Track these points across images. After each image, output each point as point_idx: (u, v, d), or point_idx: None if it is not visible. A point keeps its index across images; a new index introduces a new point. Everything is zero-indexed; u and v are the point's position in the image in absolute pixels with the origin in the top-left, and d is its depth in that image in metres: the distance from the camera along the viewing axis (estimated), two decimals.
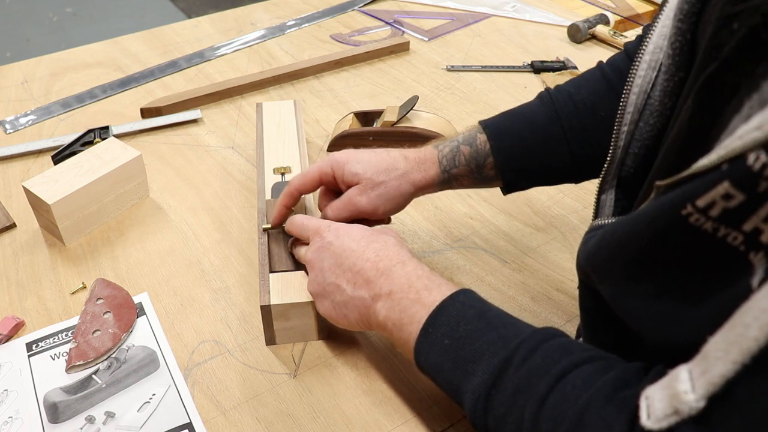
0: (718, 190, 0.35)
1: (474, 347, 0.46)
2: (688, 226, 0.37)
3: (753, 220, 0.34)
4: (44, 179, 0.72)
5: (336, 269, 0.55)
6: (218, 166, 0.87)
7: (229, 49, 1.15)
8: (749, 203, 0.34)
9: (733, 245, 0.35)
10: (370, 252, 0.54)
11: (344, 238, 0.56)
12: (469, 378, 0.46)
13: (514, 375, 0.43)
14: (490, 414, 0.44)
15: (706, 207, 0.36)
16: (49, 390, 0.58)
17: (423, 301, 0.50)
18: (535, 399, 0.42)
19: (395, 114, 0.86)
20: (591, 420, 0.39)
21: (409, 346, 0.50)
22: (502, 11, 1.30)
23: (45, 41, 2.95)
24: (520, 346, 0.44)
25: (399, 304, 0.51)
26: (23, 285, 0.69)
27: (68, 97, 1.01)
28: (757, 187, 0.33)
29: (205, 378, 0.60)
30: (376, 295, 0.52)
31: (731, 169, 0.34)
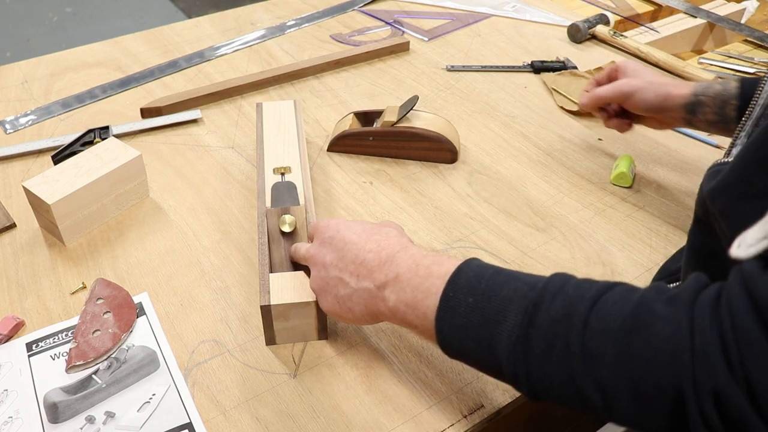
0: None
1: (501, 297, 0.45)
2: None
3: None
4: (44, 179, 0.72)
5: (338, 263, 0.55)
6: (218, 166, 0.87)
7: (229, 49, 1.15)
8: None
9: None
10: (371, 243, 0.54)
11: (344, 232, 0.56)
12: (502, 326, 0.44)
13: (549, 308, 0.42)
14: (531, 354, 0.43)
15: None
16: (49, 390, 0.58)
17: (435, 274, 0.49)
18: (578, 321, 0.41)
19: (395, 114, 0.86)
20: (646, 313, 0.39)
21: (428, 321, 0.48)
22: (502, 11, 1.30)
23: (45, 41, 2.95)
24: (548, 284, 0.44)
25: (409, 284, 0.50)
26: (23, 285, 0.69)
27: (68, 97, 1.01)
28: None
29: (205, 378, 0.60)
30: (383, 283, 0.51)
31: None
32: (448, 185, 0.84)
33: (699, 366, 0.36)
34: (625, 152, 0.90)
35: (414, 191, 0.83)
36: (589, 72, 1.04)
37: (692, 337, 0.37)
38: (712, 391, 0.36)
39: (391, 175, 0.86)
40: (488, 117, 0.98)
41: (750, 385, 0.34)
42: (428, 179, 0.85)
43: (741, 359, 0.35)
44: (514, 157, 0.89)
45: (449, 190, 0.83)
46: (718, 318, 0.36)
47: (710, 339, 0.36)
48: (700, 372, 0.36)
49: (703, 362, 0.36)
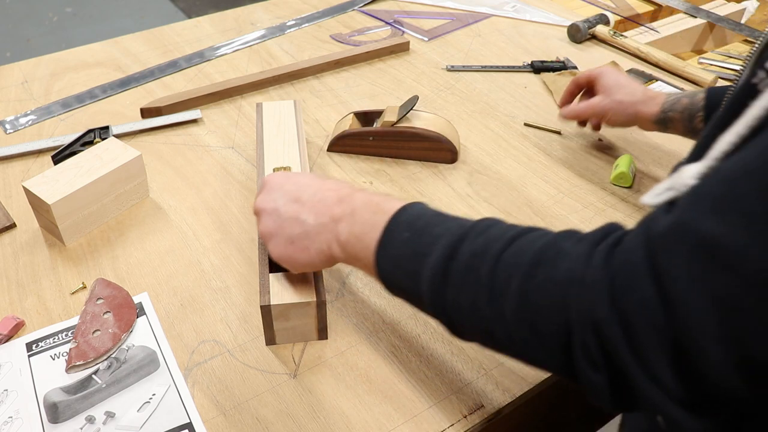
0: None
1: (433, 233, 0.47)
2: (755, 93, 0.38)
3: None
4: (44, 179, 0.72)
5: (293, 204, 0.55)
6: (218, 166, 0.87)
7: (229, 49, 1.15)
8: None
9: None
10: (329, 183, 0.56)
11: (296, 178, 0.58)
12: (428, 258, 0.46)
13: (471, 244, 0.44)
14: (448, 286, 0.45)
15: None
16: (49, 390, 0.58)
17: (384, 209, 0.50)
18: (492, 255, 0.42)
19: (395, 114, 0.86)
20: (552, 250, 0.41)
21: (370, 252, 0.50)
22: (502, 11, 1.30)
23: (45, 41, 2.95)
24: (477, 225, 0.46)
25: (361, 218, 0.51)
26: (23, 285, 0.69)
27: (68, 97, 1.01)
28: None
29: (205, 378, 0.60)
30: (339, 217, 0.53)
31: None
32: (448, 185, 0.84)
33: (584, 296, 0.37)
34: (625, 152, 0.90)
35: (414, 191, 0.83)
36: None
37: (585, 271, 0.38)
38: (591, 322, 0.36)
39: (391, 175, 0.86)
40: (488, 117, 0.98)
41: (626, 316, 0.35)
42: (428, 179, 0.85)
43: (622, 291, 0.35)
44: (514, 157, 0.89)
45: (449, 190, 0.83)
46: (613, 253, 0.37)
47: (599, 272, 0.37)
48: (583, 302, 0.37)
49: (587, 293, 0.37)
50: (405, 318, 0.66)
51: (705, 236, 0.33)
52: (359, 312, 0.66)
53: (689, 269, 0.33)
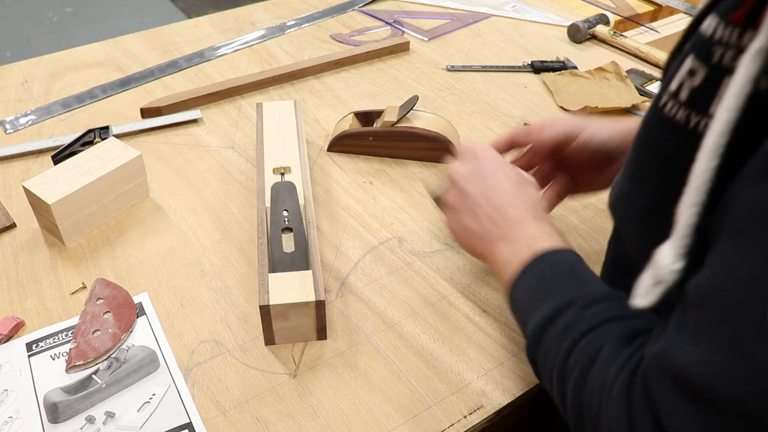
0: (684, 68, 0.37)
1: (551, 288, 0.49)
2: (664, 120, 0.38)
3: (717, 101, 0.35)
4: (44, 179, 0.72)
5: (482, 200, 0.57)
6: (218, 166, 0.87)
7: (229, 49, 1.15)
8: (710, 79, 0.35)
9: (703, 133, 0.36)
10: (519, 200, 0.57)
11: (500, 174, 0.58)
12: (536, 312, 0.48)
13: (570, 315, 0.46)
14: (540, 347, 0.47)
15: (677, 90, 0.37)
16: (49, 390, 0.58)
17: (533, 247, 0.53)
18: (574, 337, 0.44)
19: (395, 114, 0.86)
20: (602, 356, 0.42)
21: (507, 281, 0.53)
22: (502, 11, 1.30)
23: (45, 41, 2.95)
24: (588, 294, 0.47)
25: (515, 247, 0.54)
26: (23, 285, 0.69)
27: (68, 97, 1.01)
28: (713, 57, 0.35)
29: (205, 378, 0.60)
30: (508, 237, 0.55)
31: (694, 41, 0.37)
32: None
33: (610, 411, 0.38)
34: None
35: (414, 191, 0.83)
36: (589, 72, 1.04)
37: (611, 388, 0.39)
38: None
39: (391, 175, 0.86)
40: (488, 117, 0.98)
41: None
42: (428, 179, 0.85)
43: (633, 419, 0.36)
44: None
45: None
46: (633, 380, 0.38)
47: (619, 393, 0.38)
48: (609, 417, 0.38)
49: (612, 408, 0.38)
50: (405, 318, 0.66)
51: (680, 366, 0.33)
52: (359, 312, 0.66)
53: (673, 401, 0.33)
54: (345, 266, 0.72)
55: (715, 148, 0.32)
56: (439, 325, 0.65)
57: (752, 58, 0.31)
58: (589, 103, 0.97)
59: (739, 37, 0.34)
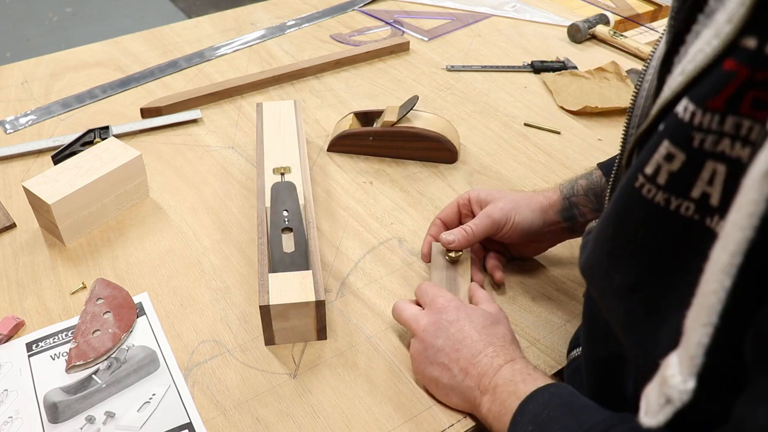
0: (660, 152, 0.35)
1: (552, 430, 0.46)
2: (642, 200, 0.36)
3: (699, 184, 0.34)
4: (44, 179, 0.72)
5: (451, 353, 0.56)
6: (218, 166, 0.87)
7: (229, 49, 1.15)
8: (690, 163, 0.34)
9: (687, 216, 0.35)
10: (490, 349, 0.55)
11: (465, 323, 0.57)
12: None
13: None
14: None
15: (653, 174, 0.36)
16: (49, 390, 0.58)
17: (518, 393, 0.50)
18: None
19: (395, 114, 0.86)
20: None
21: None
22: (502, 11, 1.30)
23: (45, 41, 2.95)
24: (595, 425, 0.44)
25: (500, 396, 0.52)
26: (23, 285, 0.69)
27: (68, 97, 1.01)
28: (693, 142, 0.33)
29: (205, 378, 0.60)
30: (485, 388, 0.53)
31: (667, 125, 0.35)
32: (448, 185, 0.84)
33: None
34: None
35: (414, 191, 0.83)
36: (589, 72, 1.04)
37: None
38: None
39: (391, 175, 0.86)
40: (488, 117, 0.98)
41: None
42: (428, 179, 0.85)
43: None
44: (514, 157, 0.89)
45: (449, 190, 0.83)
46: None
47: None
48: None
49: None
50: None
51: None
52: (359, 312, 0.66)
53: None
54: (345, 266, 0.72)
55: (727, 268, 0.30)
56: None
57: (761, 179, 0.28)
58: (589, 103, 0.97)
59: (720, 122, 0.32)
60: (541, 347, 0.63)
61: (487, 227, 0.66)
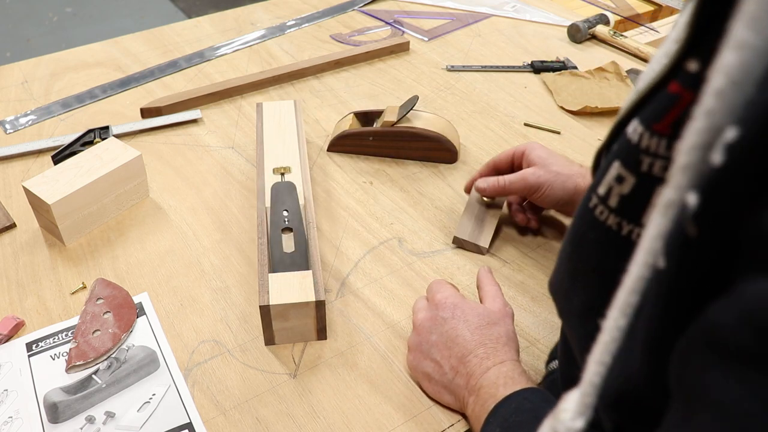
0: (611, 173, 0.34)
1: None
2: (595, 222, 0.35)
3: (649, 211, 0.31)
4: (44, 179, 0.72)
5: (443, 350, 0.56)
6: (218, 166, 0.87)
7: (229, 49, 1.15)
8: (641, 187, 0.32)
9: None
10: (481, 350, 0.55)
11: (459, 321, 0.57)
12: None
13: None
14: None
15: (605, 195, 0.35)
16: (49, 390, 0.58)
17: (497, 395, 0.51)
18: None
19: (395, 114, 0.86)
20: None
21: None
22: (502, 11, 1.30)
23: (45, 41, 2.95)
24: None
25: (481, 399, 0.52)
26: (23, 285, 0.69)
27: (68, 97, 1.01)
28: (641, 165, 0.32)
29: (205, 378, 0.60)
30: (473, 388, 0.53)
31: (619, 146, 0.34)
32: (448, 185, 0.84)
33: None
34: None
35: (414, 191, 0.83)
36: (589, 72, 1.04)
37: None
38: None
39: (391, 175, 0.86)
40: (488, 117, 0.98)
41: None
42: (428, 179, 0.85)
43: None
44: None
45: (449, 190, 0.83)
46: None
47: None
48: None
49: None
50: (405, 318, 0.66)
51: None
52: (359, 312, 0.66)
53: None
54: (345, 266, 0.72)
55: (625, 306, 0.28)
56: None
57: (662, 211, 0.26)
58: (589, 103, 0.97)
59: (667, 148, 0.31)
60: (541, 347, 0.63)
61: (519, 188, 0.70)
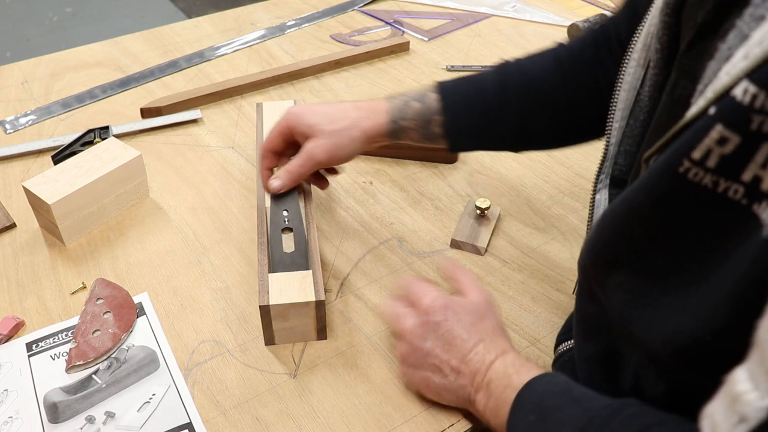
0: (711, 136, 0.34)
1: (557, 419, 0.45)
2: (687, 183, 0.36)
3: (751, 167, 0.33)
4: (44, 179, 0.72)
5: (441, 354, 0.55)
6: (218, 166, 0.87)
7: (229, 49, 1.15)
8: (745, 146, 0.33)
9: (734, 199, 0.34)
10: (480, 346, 0.54)
11: (453, 323, 0.56)
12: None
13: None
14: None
15: (702, 158, 0.35)
16: (49, 390, 0.58)
17: (513, 384, 0.50)
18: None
19: None
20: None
21: (503, 429, 0.50)
22: (502, 11, 1.30)
23: (45, 41, 2.95)
24: (596, 417, 0.43)
25: (495, 391, 0.51)
26: (23, 285, 0.69)
27: (68, 97, 1.01)
28: (750, 124, 0.32)
29: (205, 378, 0.60)
30: (478, 386, 0.53)
31: (721, 109, 0.34)
32: (448, 185, 0.84)
33: None
34: None
35: (414, 191, 0.83)
36: None
37: None
38: None
39: (391, 175, 0.86)
40: None
41: None
42: (428, 179, 0.85)
43: None
44: (514, 157, 0.89)
45: (449, 190, 0.83)
46: None
47: None
48: None
49: None
50: None
51: None
52: (359, 312, 0.66)
53: None
54: (345, 266, 0.72)
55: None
56: None
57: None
58: None
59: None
60: (541, 347, 0.63)
61: (311, 167, 0.67)
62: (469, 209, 0.78)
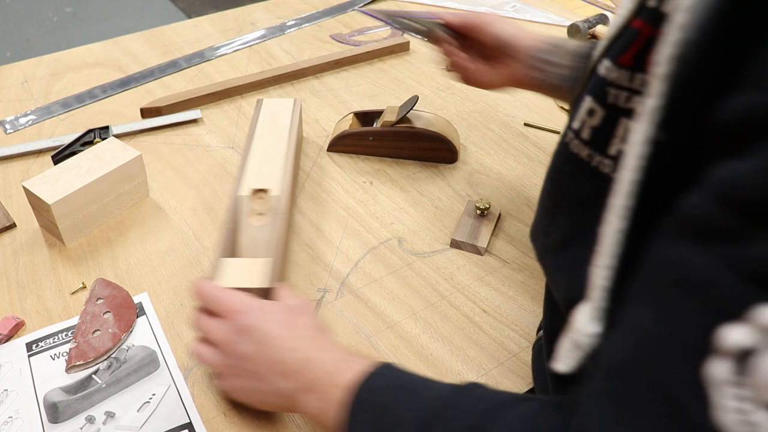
0: (583, 107, 0.38)
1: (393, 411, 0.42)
2: (570, 155, 0.39)
3: (615, 143, 0.36)
4: (44, 179, 0.72)
5: (258, 356, 0.51)
6: (218, 166, 0.87)
7: (229, 49, 1.15)
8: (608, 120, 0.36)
9: (605, 173, 0.37)
10: (292, 341, 0.51)
11: (263, 323, 0.52)
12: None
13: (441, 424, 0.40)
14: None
15: (579, 129, 0.38)
16: (49, 390, 0.58)
17: (341, 383, 0.46)
18: None
19: (395, 114, 0.86)
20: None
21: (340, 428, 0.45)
22: (502, 11, 1.30)
23: (45, 41, 2.95)
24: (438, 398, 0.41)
25: (321, 392, 0.47)
26: (23, 285, 0.69)
27: (68, 97, 1.01)
28: (607, 97, 0.36)
29: (205, 378, 0.60)
30: (300, 387, 0.49)
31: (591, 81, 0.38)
32: (448, 185, 0.84)
33: None
34: None
35: (414, 191, 0.83)
36: None
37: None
38: None
39: (391, 175, 0.86)
40: (488, 117, 0.98)
41: None
42: (428, 179, 0.85)
43: None
44: (514, 157, 0.89)
45: (449, 190, 0.83)
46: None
47: None
48: None
49: None
50: (405, 318, 0.66)
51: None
52: (359, 312, 0.66)
53: None
54: (345, 266, 0.72)
55: (621, 210, 0.32)
56: (439, 325, 0.65)
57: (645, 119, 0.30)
58: None
59: (629, 79, 0.35)
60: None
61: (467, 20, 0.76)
62: (469, 209, 0.78)
